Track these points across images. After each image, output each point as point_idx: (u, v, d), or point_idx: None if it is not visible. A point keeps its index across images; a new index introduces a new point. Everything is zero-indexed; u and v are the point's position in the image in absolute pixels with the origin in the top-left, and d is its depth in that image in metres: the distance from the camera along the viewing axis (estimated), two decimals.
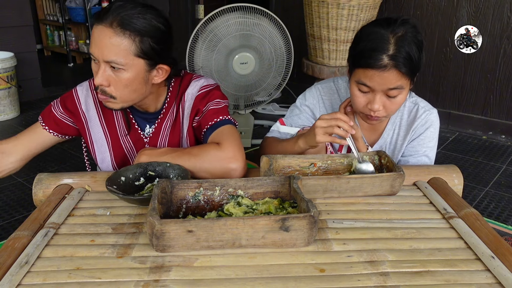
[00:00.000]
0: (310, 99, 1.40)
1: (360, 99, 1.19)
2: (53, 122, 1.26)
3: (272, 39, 2.64)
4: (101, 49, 1.07)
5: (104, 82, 1.10)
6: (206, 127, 1.21)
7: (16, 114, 3.33)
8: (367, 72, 1.12)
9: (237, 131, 1.21)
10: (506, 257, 0.80)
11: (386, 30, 1.12)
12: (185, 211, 0.96)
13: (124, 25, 1.06)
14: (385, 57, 1.09)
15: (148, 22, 1.09)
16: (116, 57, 1.07)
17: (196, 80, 1.28)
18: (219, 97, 1.25)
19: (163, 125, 1.26)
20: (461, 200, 1.03)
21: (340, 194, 1.05)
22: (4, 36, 3.46)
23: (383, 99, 1.16)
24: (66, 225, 0.93)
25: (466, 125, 3.12)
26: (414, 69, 1.13)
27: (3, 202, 2.09)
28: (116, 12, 1.07)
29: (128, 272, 0.77)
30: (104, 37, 1.07)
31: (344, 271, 0.78)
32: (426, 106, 1.33)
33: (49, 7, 5.44)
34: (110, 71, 1.10)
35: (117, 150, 1.28)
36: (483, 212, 2.07)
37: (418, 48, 1.12)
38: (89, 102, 1.27)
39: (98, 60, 1.09)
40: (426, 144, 1.31)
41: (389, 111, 1.19)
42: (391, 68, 1.10)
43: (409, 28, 1.12)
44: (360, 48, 1.15)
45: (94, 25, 1.09)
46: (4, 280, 0.74)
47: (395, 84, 1.12)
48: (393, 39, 1.10)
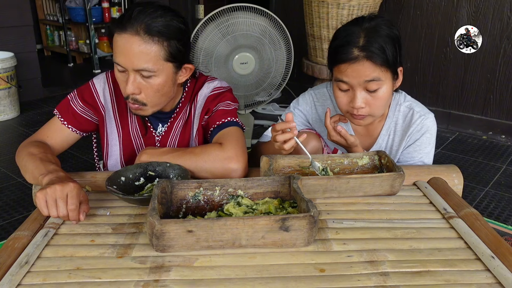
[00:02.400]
0: (303, 104, 1.40)
1: (342, 99, 1.20)
2: (73, 117, 1.24)
3: (272, 39, 2.64)
4: (130, 58, 1.06)
5: (135, 90, 1.10)
6: (213, 126, 1.22)
7: (16, 114, 3.33)
8: (341, 67, 1.14)
9: (243, 134, 1.21)
10: (506, 257, 0.80)
11: (356, 26, 1.15)
12: (185, 211, 0.96)
13: (151, 31, 1.06)
14: (355, 49, 1.12)
15: (171, 24, 1.09)
16: (147, 65, 1.07)
17: (210, 81, 1.29)
18: (230, 100, 1.26)
19: (174, 124, 1.27)
20: (461, 200, 1.03)
21: (340, 194, 1.05)
22: (4, 36, 3.45)
23: (363, 94, 1.16)
24: (66, 225, 0.93)
25: (466, 125, 3.12)
26: (389, 61, 1.13)
27: (3, 202, 2.09)
28: (139, 19, 1.05)
29: (128, 272, 0.77)
30: (132, 46, 1.05)
31: (344, 271, 0.78)
32: (421, 110, 1.30)
33: (49, 7, 5.44)
34: (140, 78, 1.10)
35: (127, 146, 1.28)
36: (483, 212, 2.07)
37: (391, 39, 1.13)
38: (106, 94, 1.26)
39: (126, 69, 1.09)
40: (422, 150, 1.29)
41: (374, 108, 1.18)
42: (362, 59, 1.11)
43: (380, 21, 1.15)
44: (332, 47, 1.18)
45: (116, 34, 1.07)
46: (4, 280, 0.74)
47: (371, 75, 1.12)
48: (363, 33, 1.13)
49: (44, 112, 3.38)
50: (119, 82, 1.15)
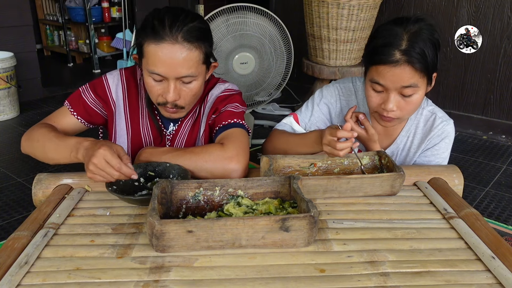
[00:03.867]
0: (328, 97, 1.37)
1: (374, 99, 1.17)
2: (83, 108, 1.25)
3: (272, 39, 2.64)
4: (173, 67, 1.07)
5: (177, 97, 1.12)
6: (218, 126, 1.22)
7: (16, 114, 3.33)
8: (380, 69, 1.11)
9: (247, 136, 1.21)
10: (506, 257, 0.80)
11: (399, 27, 1.12)
12: (185, 211, 0.96)
13: (191, 38, 1.07)
14: (397, 52, 1.08)
15: (202, 27, 1.11)
16: (191, 71, 1.09)
17: (222, 83, 1.30)
18: (239, 102, 1.26)
19: (184, 123, 1.28)
20: (461, 200, 1.03)
21: (340, 194, 1.05)
22: (4, 36, 3.46)
23: (397, 98, 1.14)
24: (65, 225, 0.93)
25: (467, 125, 3.12)
26: (429, 67, 1.11)
27: (3, 202, 2.09)
28: (176, 27, 1.06)
29: (128, 272, 0.77)
30: (175, 54, 1.06)
31: (344, 272, 0.78)
32: (443, 116, 1.30)
33: (49, 7, 5.44)
34: (180, 84, 1.11)
35: (136, 144, 1.28)
36: (483, 212, 2.07)
37: (433, 45, 1.10)
38: (119, 92, 1.27)
39: (167, 78, 1.09)
40: (440, 155, 1.29)
41: (404, 112, 1.16)
42: (403, 63, 1.08)
43: (424, 25, 1.11)
44: (373, 45, 1.15)
45: (152, 44, 1.06)
46: (3, 280, 0.74)
47: (409, 81, 1.10)
48: (406, 35, 1.10)
49: (44, 112, 3.38)
50: (150, 89, 1.14)
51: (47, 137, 1.13)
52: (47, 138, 1.13)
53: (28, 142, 1.18)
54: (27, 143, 1.18)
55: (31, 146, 1.16)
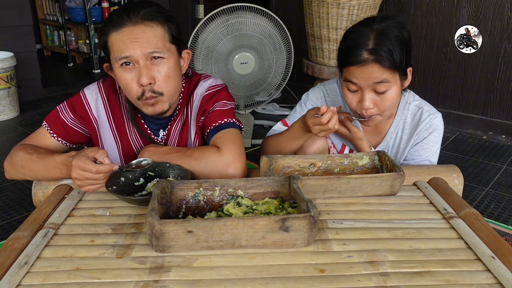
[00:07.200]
0: (314, 99, 1.40)
1: (351, 99, 1.21)
2: (62, 128, 1.21)
3: (272, 39, 2.64)
4: (138, 46, 1.07)
5: (151, 80, 1.10)
6: (210, 128, 1.20)
7: (16, 114, 3.33)
8: (351, 69, 1.15)
9: (240, 134, 1.21)
10: (506, 258, 0.80)
11: (366, 27, 1.15)
12: (185, 212, 0.96)
13: (150, 17, 1.09)
14: (364, 52, 1.12)
15: (162, 10, 1.13)
16: (158, 47, 1.09)
17: (204, 80, 1.27)
18: (226, 98, 1.24)
19: (173, 127, 1.25)
20: (461, 200, 1.03)
21: (340, 194, 1.05)
22: (3, 36, 3.45)
23: (371, 95, 1.17)
24: (65, 226, 0.93)
25: (466, 125, 3.12)
26: (397, 63, 1.13)
27: (3, 202, 2.08)
28: (133, 11, 1.08)
29: (127, 272, 0.77)
30: (137, 34, 1.07)
31: (344, 272, 0.78)
32: (430, 110, 1.32)
33: (49, 7, 5.43)
34: (151, 65, 1.10)
35: (128, 155, 1.26)
36: (483, 212, 2.06)
37: (400, 42, 1.13)
38: (100, 107, 1.23)
39: (137, 60, 1.08)
40: (429, 149, 1.30)
41: (382, 108, 1.19)
42: (371, 62, 1.12)
43: (391, 23, 1.14)
44: (342, 48, 1.19)
45: (114, 33, 1.08)
46: (3, 280, 0.74)
47: (380, 78, 1.13)
48: (373, 35, 1.13)
49: (44, 112, 3.37)
50: (125, 85, 1.12)
51: (30, 160, 1.09)
52: (31, 161, 1.09)
53: (12, 169, 1.14)
54: (12, 170, 1.14)
55: (17, 172, 1.13)
